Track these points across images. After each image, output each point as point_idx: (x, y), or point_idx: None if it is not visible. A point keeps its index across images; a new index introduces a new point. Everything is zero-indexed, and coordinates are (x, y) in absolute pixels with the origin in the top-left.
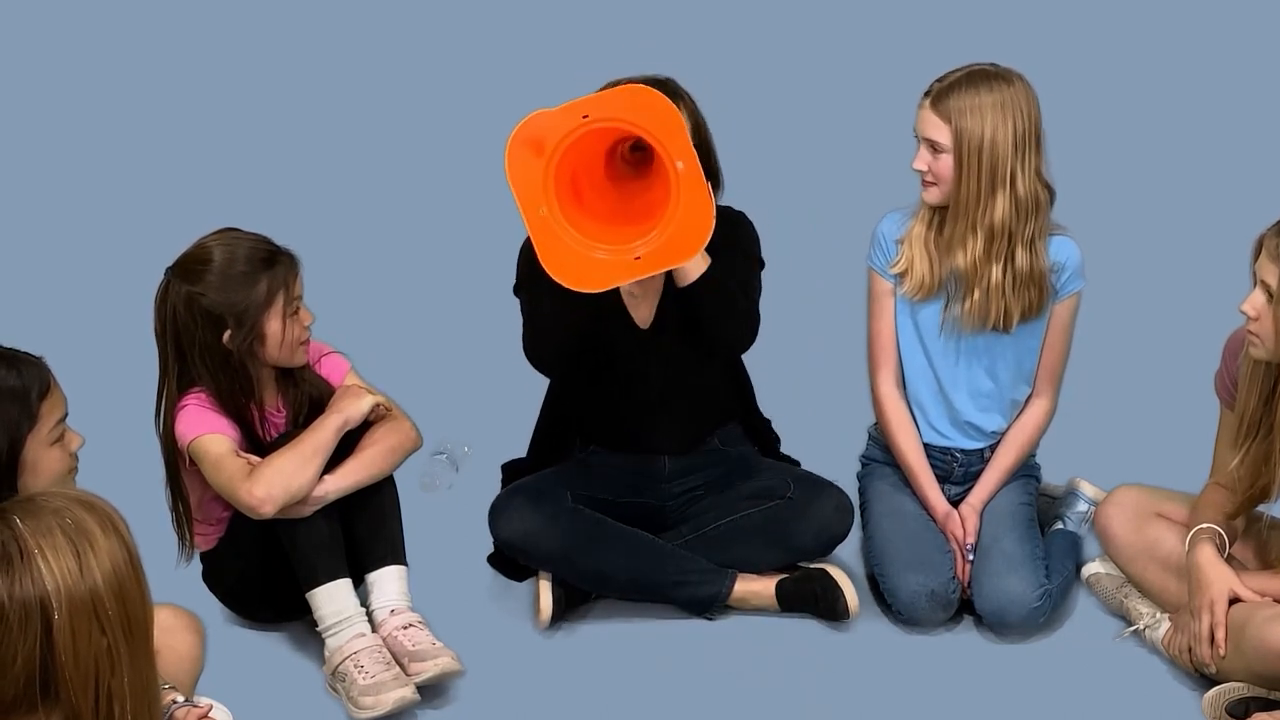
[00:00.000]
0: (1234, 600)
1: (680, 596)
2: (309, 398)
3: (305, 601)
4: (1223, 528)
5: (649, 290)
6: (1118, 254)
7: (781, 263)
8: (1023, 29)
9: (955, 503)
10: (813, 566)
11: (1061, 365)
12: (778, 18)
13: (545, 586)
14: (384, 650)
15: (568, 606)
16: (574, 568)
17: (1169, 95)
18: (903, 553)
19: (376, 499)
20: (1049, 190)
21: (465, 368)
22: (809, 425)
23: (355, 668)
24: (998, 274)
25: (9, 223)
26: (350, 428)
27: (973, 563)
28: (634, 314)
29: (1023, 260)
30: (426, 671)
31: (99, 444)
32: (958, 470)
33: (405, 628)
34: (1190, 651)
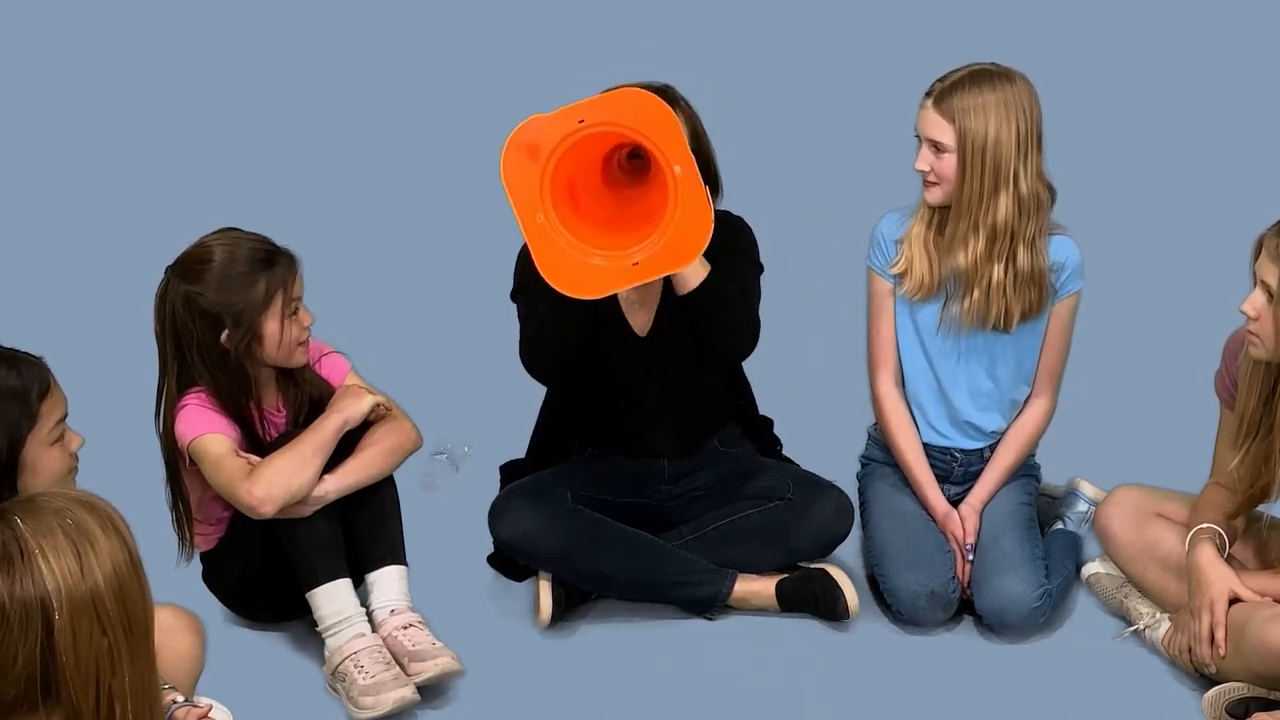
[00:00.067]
0: (1234, 600)
1: (680, 596)
2: (309, 398)
3: (305, 601)
4: (1223, 528)
5: (647, 297)
6: (1118, 254)
7: (781, 263)
8: (1021, 29)
9: (955, 503)
10: (813, 566)
11: (1061, 365)
12: (777, 18)
13: (545, 586)
14: (384, 650)
15: (568, 606)
16: (574, 568)
17: (1169, 95)
18: (903, 553)
19: (376, 499)
20: (1050, 189)
21: (465, 368)
22: (809, 425)
23: (355, 668)
24: (999, 273)
25: (9, 223)
26: (350, 428)
27: (972, 563)
28: (632, 321)
29: (1024, 260)
30: (426, 671)
31: (99, 444)
32: (957, 470)
33: (405, 628)
34: (1190, 651)
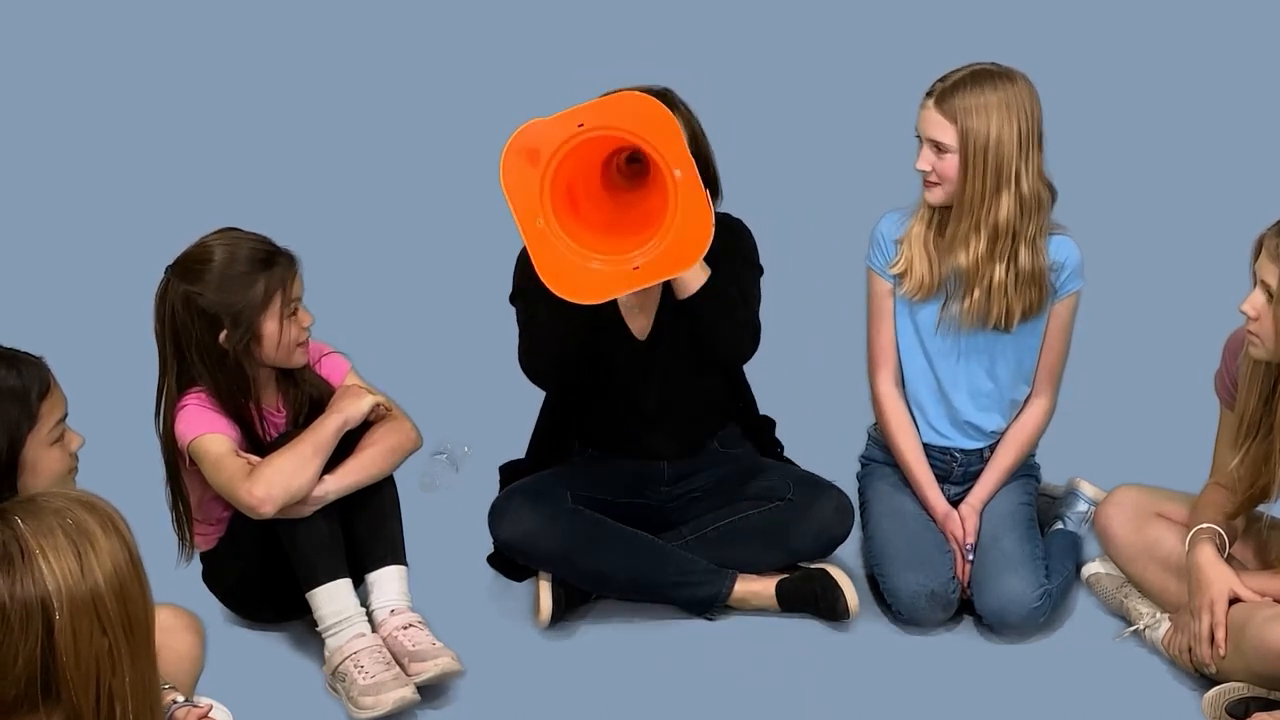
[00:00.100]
0: (1234, 600)
1: (680, 597)
2: (309, 398)
3: (305, 601)
4: (1223, 528)
5: (647, 302)
6: (1118, 254)
7: (781, 264)
8: (1020, 29)
9: (955, 503)
10: (813, 566)
11: (1061, 365)
12: (776, 19)
13: (545, 586)
14: (384, 650)
15: (568, 606)
16: (574, 568)
17: (1169, 95)
18: (903, 553)
19: (376, 499)
20: (1050, 189)
21: (465, 368)
22: (809, 425)
23: (355, 668)
24: (1000, 273)
25: (9, 223)
26: (350, 428)
27: (972, 563)
28: (631, 325)
29: (1025, 259)
30: (426, 671)
31: (99, 444)
32: (957, 470)
33: (405, 628)
34: (1190, 651)
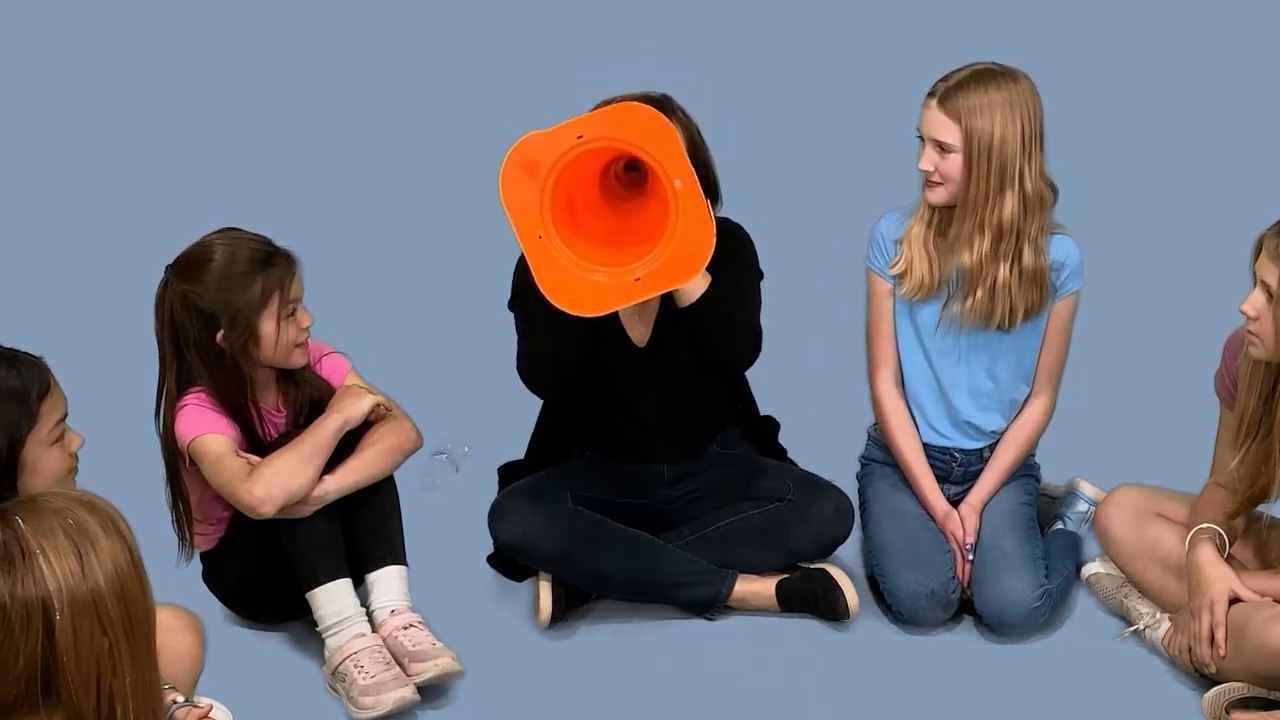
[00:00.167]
0: (1234, 600)
1: (680, 597)
2: (309, 398)
3: (305, 601)
4: (1223, 528)
5: (646, 309)
6: (1118, 254)
7: (781, 264)
8: (1019, 29)
9: (955, 502)
10: (813, 566)
11: (1060, 364)
12: (775, 19)
13: (545, 586)
14: (384, 650)
15: (568, 606)
16: (574, 568)
17: (1169, 95)
18: (903, 553)
19: (376, 499)
20: (1052, 188)
21: (465, 368)
22: (809, 425)
23: (355, 668)
24: (1005, 273)
25: (9, 223)
26: (350, 428)
27: (972, 563)
28: (630, 333)
29: (1029, 258)
30: (427, 672)
31: (99, 444)
32: (957, 470)
33: (405, 628)
34: (1190, 651)
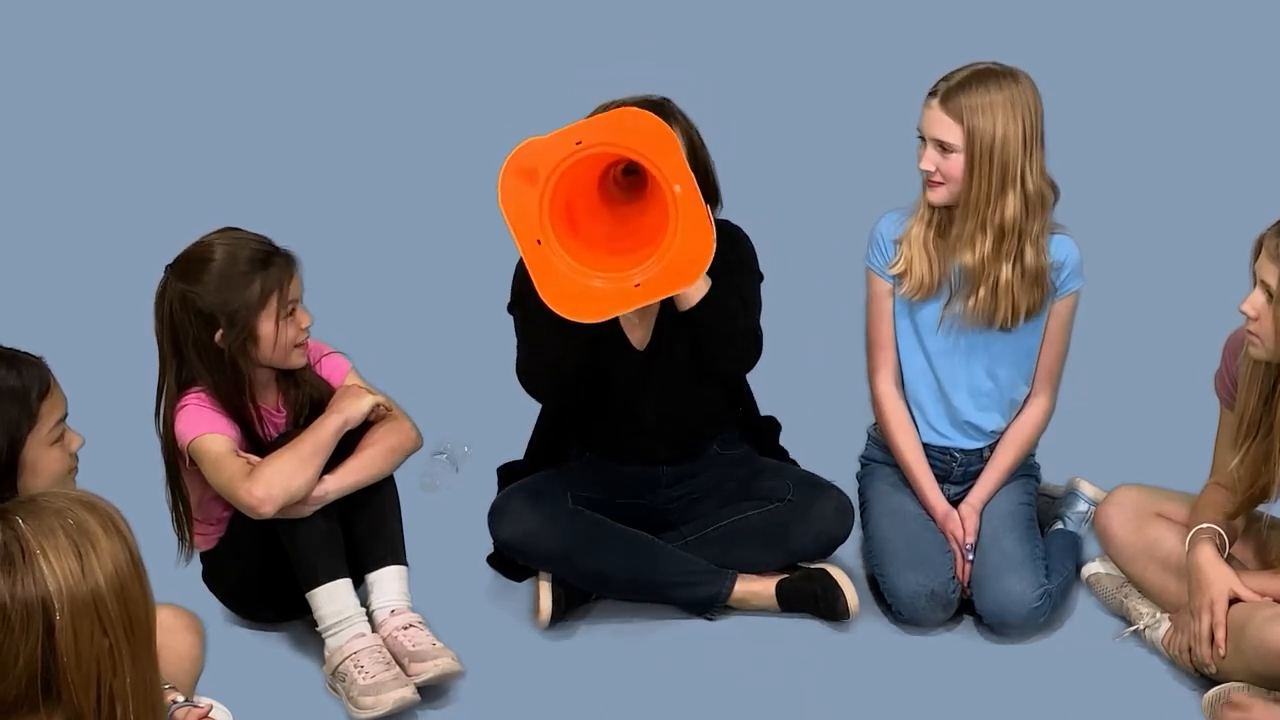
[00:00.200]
0: (1234, 600)
1: (680, 597)
2: (309, 399)
3: (305, 601)
4: (1223, 528)
5: (646, 313)
6: (1118, 254)
7: (781, 264)
8: (1018, 29)
9: (955, 502)
10: (813, 566)
11: (1060, 364)
12: (775, 20)
13: (545, 586)
14: (384, 650)
15: (568, 606)
16: (574, 568)
17: (1169, 95)
18: (902, 553)
19: (376, 499)
20: (1053, 187)
21: (465, 368)
22: (809, 425)
23: (355, 668)
24: (1008, 272)
25: (9, 223)
26: (350, 428)
27: (972, 562)
28: (630, 336)
29: (1031, 258)
30: (427, 672)
31: (99, 444)
32: (957, 470)
33: (405, 628)
34: (1190, 651)
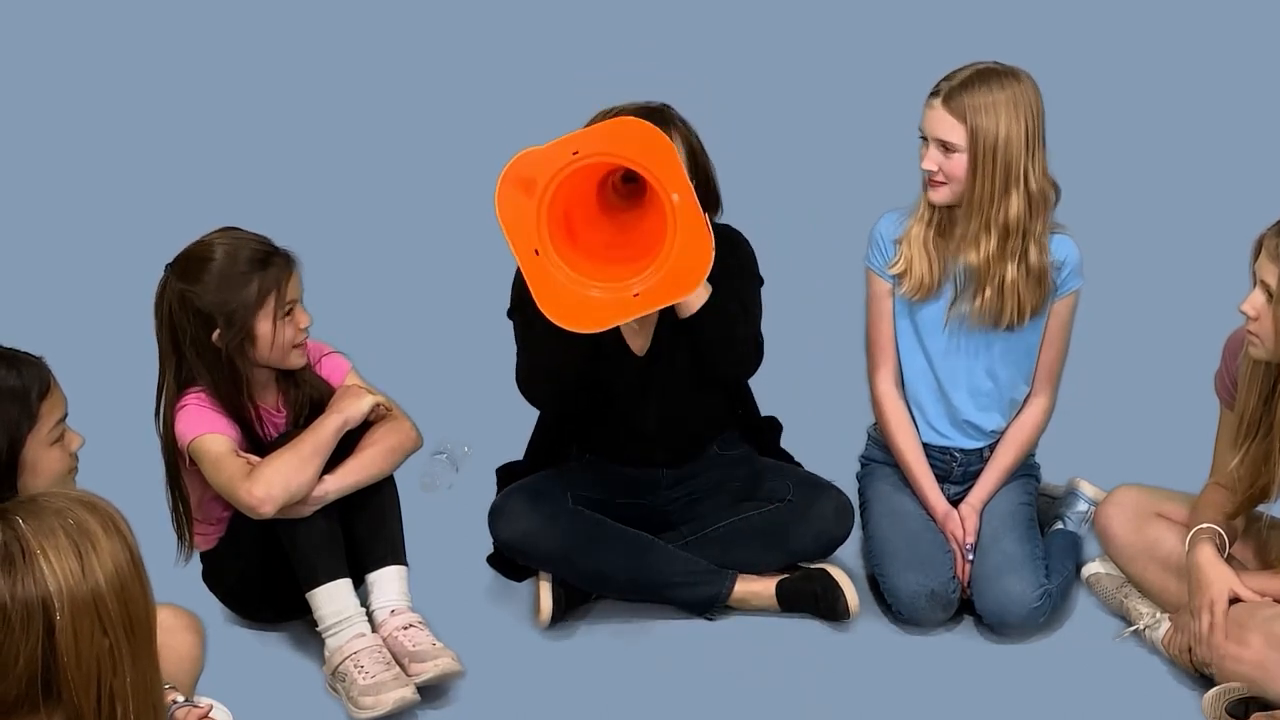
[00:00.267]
0: (1234, 600)
1: (680, 597)
2: (309, 399)
3: (305, 601)
4: (1223, 528)
5: (646, 320)
6: (1118, 254)
7: (781, 264)
8: (1018, 28)
9: (955, 502)
10: (813, 566)
11: (1060, 364)
12: (775, 20)
13: (545, 586)
14: (384, 650)
15: (568, 606)
16: (574, 568)
17: (1168, 95)
18: (902, 553)
19: (376, 499)
20: (1055, 187)
21: (465, 368)
22: (809, 425)
23: (355, 668)
24: (1013, 271)
25: (9, 223)
26: (350, 428)
27: (972, 562)
28: (630, 343)
29: (1035, 257)
30: (427, 672)
31: (99, 444)
32: (957, 470)
33: (405, 628)
34: (1190, 651)
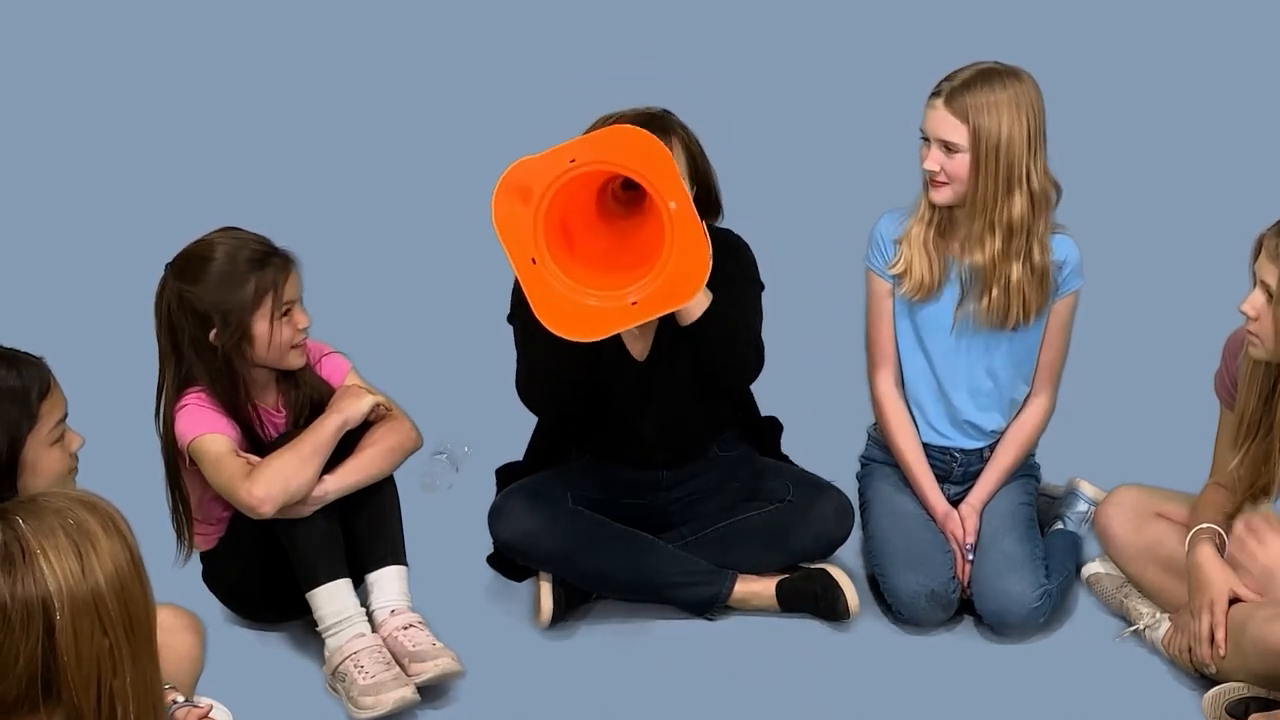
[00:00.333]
0: (1234, 600)
1: (680, 597)
2: (309, 399)
3: (305, 601)
4: (1223, 528)
5: (646, 326)
6: (1118, 254)
7: (781, 264)
8: (1017, 29)
9: (955, 502)
10: (813, 567)
11: (1060, 364)
12: (774, 20)
13: (545, 586)
14: (384, 650)
15: (568, 606)
16: (574, 568)
17: (1168, 95)
18: (902, 553)
19: (376, 499)
20: (1056, 186)
21: (465, 368)
22: (809, 425)
23: (355, 668)
24: (1018, 271)
25: (9, 223)
26: (350, 428)
27: (972, 563)
28: (631, 348)
29: (1038, 256)
30: (427, 672)
31: (99, 444)
32: (957, 470)
33: (405, 628)
34: (1190, 651)
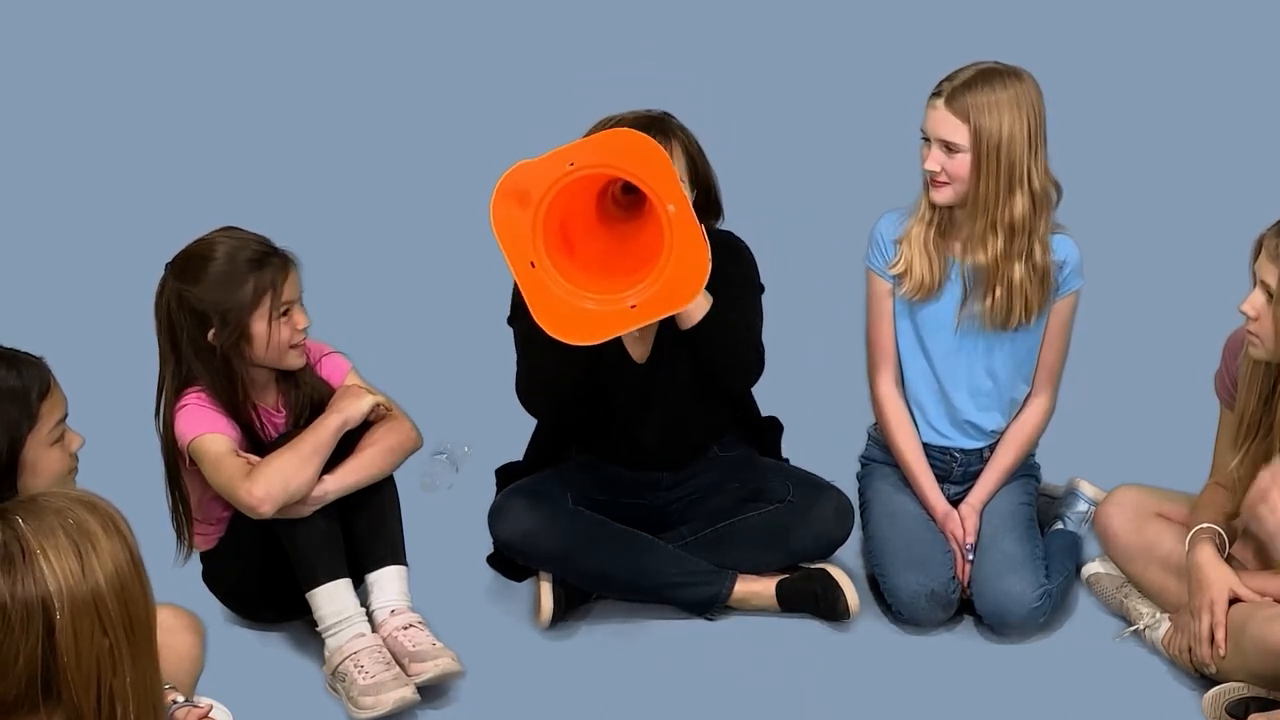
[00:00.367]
0: (1234, 600)
1: (681, 597)
2: (309, 399)
3: (305, 601)
4: (1223, 528)
5: (647, 329)
6: (1118, 254)
7: (781, 265)
8: (1017, 29)
9: (955, 502)
10: (813, 567)
11: (1060, 364)
12: (774, 20)
13: (545, 586)
14: (384, 650)
15: (568, 606)
16: (574, 568)
17: (1168, 95)
18: (902, 553)
19: (376, 499)
20: (1057, 186)
21: (465, 368)
22: (809, 425)
23: (355, 668)
24: (1020, 271)
25: (9, 223)
26: (350, 428)
27: (972, 563)
28: (631, 351)
29: (1039, 256)
30: (427, 672)
31: (99, 444)
32: (957, 470)
33: (405, 628)
34: (1190, 651)
